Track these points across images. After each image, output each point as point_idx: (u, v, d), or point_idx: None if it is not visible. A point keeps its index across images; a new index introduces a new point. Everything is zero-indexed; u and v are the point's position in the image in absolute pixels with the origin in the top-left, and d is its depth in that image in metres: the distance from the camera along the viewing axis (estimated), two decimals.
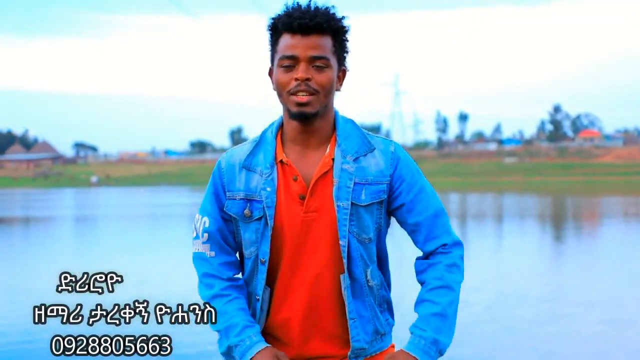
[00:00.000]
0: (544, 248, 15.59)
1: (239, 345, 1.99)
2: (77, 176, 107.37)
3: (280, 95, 2.02)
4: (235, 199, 2.07)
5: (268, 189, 2.02)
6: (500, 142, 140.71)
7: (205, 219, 2.12)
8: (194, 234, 2.15)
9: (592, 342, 7.02)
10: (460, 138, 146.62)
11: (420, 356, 1.94)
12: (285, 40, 1.99)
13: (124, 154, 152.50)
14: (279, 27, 2.01)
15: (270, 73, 2.08)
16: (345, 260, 2.01)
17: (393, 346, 2.17)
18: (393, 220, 2.18)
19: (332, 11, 2.02)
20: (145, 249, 16.22)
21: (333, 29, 2.01)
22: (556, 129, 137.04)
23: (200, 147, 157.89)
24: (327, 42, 2.00)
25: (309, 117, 2.00)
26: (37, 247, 17.12)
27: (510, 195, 44.91)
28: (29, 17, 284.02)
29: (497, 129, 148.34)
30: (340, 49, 2.06)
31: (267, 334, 2.09)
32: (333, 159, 2.04)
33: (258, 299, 2.06)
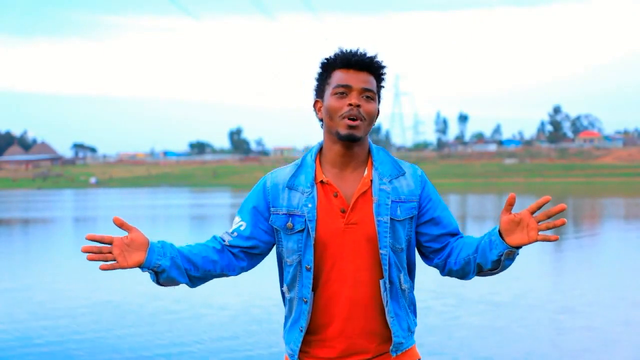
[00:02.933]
0: (544, 249, 15.55)
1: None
2: (76, 177, 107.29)
3: (331, 119, 2.32)
4: (278, 214, 2.37)
5: (309, 205, 2.32)
6: (500, 143, 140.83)
7: (243, 223, 2.41)
8: (230, 229, 2.45)
9: (591, 343, 6.97)
10: (460, 139, 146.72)
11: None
12: (340, 74, 2.34)
13: (123, 155, 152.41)
14: (333, 64, 2.35)
15: (316, 106, 2.41)
16: (385, 267, 2.31)
17: (415, 346, 2.45)
18: None
19: (378, 57, 2.37)
20: None
21: (378, 72, 2.37)
22: (556, 130, 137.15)
23: (199, 148, 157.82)
24: (373, 80, 2.36)
25: (356, 139, 2.31)
26: (36, 248, 17.03)
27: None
28: (28, 18, 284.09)
29: (497, 130, 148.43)
30: (379, 90, 2.40)
31: (311, 334, 2.35)
32: (371, 180, 2.35)
33: (306, 302, 2.33)
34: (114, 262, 2.22)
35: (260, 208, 2.39)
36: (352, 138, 2.30)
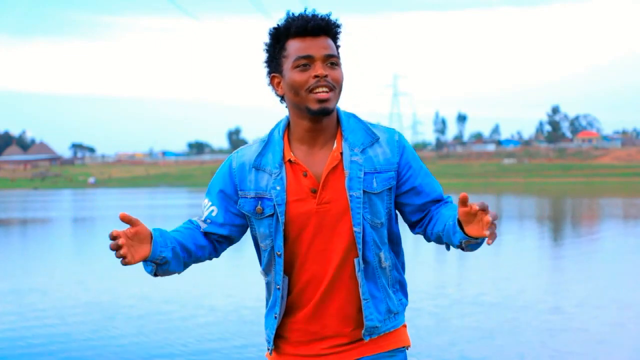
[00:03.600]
0: (543, 249, 15.56)
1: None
2: (75, 177, 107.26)
3: (297, 94, 2.15)
4: (247, 198, 2.23)
5: (278, 188, 2.18)
6: (499, 143, 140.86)
7: (214, 208, 2.29)
8: (202, 214, 2.33)
9: (591, 343, 6.94)
10: (458, 139, 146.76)
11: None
12: (296, 43, 2.15)
13: (121, 155, 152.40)
14: (286, 33, 2.16)
15: (273, 82, 2.23)
16: (360, 246, 2.16)
17: (405, 326, 2.32)
18: None
19: (331, 16, 2.19)
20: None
21: (335, 33, 2.20)
22: (554, 130, 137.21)
23: (198, 148, 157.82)
24: (332, 43, 2.18)
25: (329, 112, 2.15)
26: (35, 248, 17.00)
27: (509, 197, 44.89)
28: (27, 18, 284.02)
29: (496, 130, 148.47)
30: (338, 51, 2.22)
31: (286, 318, 2.26)
32: (341, 153, 2.19)
33: (279, 288, 2.22)
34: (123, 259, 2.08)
35: (228, 191, 2.26)
36: (325, 112, 2.14)
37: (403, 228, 2.36)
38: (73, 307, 8.95)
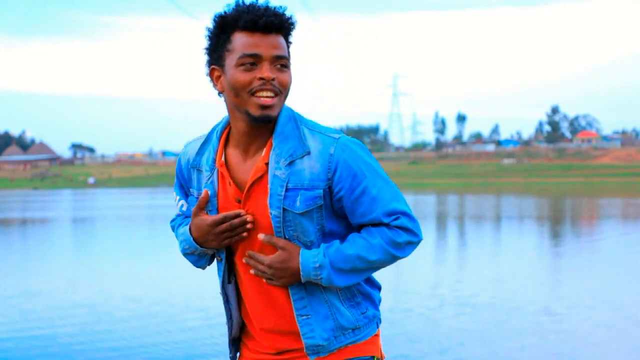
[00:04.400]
0: (543, 249, 15.55)
1: (182, 242, 2.12)
2: (75, 177, 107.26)
3: (237, 95, 1.93)
4: (193, 196, 2.13)
5: (207, 192, 2.07)
6: (499, 143, 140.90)
7: (183, 202, 2.21)
8: (176, 206, 2.27)
9: (590, 344, 6.94)
10: (458, 139, 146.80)
11: (303, 267, 1.95)
12: (244, 38, 1.91)
13: (121, 155, 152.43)
14: (234, 24, 1.92)
15: (212, 74, 2.00)
16: None
17: (376, 336, 2.09)
18: None
19: (285, 11, 1.95)
20: (143, 250, 16.14)
21: (288, 30, 1.97)
22: (554, 130, 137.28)
23: None
24: (284, 42, 1.96)
25: (271, 120, 1.94)
26: (35, 248, 17.01)
27: (508, 197, 44.89)
28: (27, 18, 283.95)
29: (495, 130, 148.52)
30: (289, 51, 2.00)
31: (241, 329, 2.17)
32: (267, 164, 1.97)
33: (227, 300, 2.13)
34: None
35: (185, 186, 2.19)
36: (267, 119, 1.92)
37: None
38: (60, 307, 8.90)
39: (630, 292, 9.81)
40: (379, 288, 2.15)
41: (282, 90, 1.93)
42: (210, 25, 1.98)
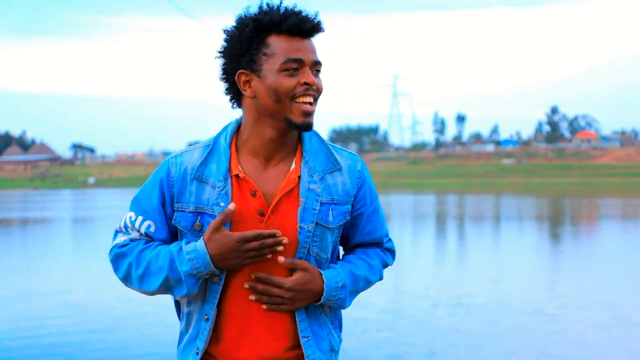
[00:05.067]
0: (539, 250, 15.56)
1: (192, 260, 1.86)
2: (75, 177, 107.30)
3: (278, 101, 1.86)
4: (184, 211, 1.93)
5: (221, 204, 1.89)
6: (498, 143, 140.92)
7: (151, 223, 1.95)
8: (125, 228, 1.97)
9: (590, 344, 6.97)
10: (458, 139, 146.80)
11: (327, 287, 1.92)
12: (285, 42, 1.86)
13: (121, 155, 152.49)
14: (271, 28, 1.86)
15: (239, 79, 1.91)
16: None
17: None
18: None
19: (318, 16, 1.92)
20: None
21: (319, 35, 1.94)
22: (553, 130, 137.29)
23: None
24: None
25: (311, 128, 1.90)
26: (32, 249, 17.03)
27: (508, 197, 44.91)
28: (27, 19, 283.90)
29: (495, 130, 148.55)
30: None
31: (211, 352, 1.96)
32: (299, 177, 1.93)
33: (207, 319, 1.92)
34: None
35: (166, 201, 1.95)
36: (309, 127, 1.89)
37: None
38: (51, 307, 8.91)
39: (625, 293, 9.80)
40: None
41: (318, 97, 1.91)
42: (237, 27, 1.89)
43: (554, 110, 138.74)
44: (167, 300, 1.99)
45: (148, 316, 8.41)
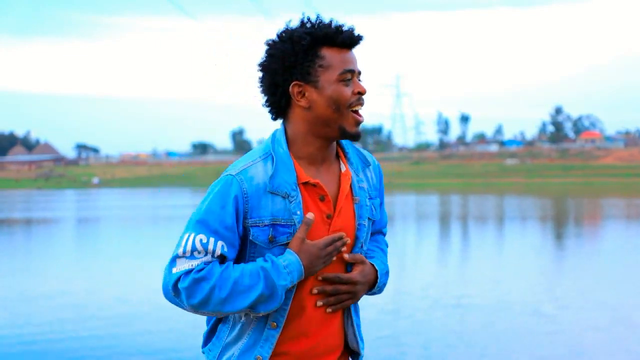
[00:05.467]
0: (545, 250, 15.52)
1: (290, 274, 1.92)
2: (79, 177, 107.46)
3: (337, 110, 1.96)
4: (259, 226, 1.95)
5: (298, 213, 1.95)
6: (502, 143, 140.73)
7: (222, 243, 1.93)
8: (192, 253, 1.92)
9: (589, 345, 7.02)
10: (461, 139, 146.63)
11: (380, 275, 2.10)
12: (338, 55, 1.97)
13: (125, 155, 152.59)
14: (323, 41, 1.96)
15: (293, 89, 1.98)
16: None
17: None
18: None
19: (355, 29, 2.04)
20: (141, 251, 16.18)
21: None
22: (557, 131, 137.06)
23: (201, 148, 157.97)
24: None
25: (360, 138, 2.01)
26: (33, 249, 17.11)
27: (511, 197, 44.87)
28: (31, 19, 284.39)
29: (499, 130, 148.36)
30: None
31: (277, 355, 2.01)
32: (350, 177, 2.06)
33: (276, 327, 1.96)
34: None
35: (235, 222, 1.94)
36: (359, 137, 2.01)
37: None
38: (52, 308, 8.99)
39: (626, 293, 9.80)
40: None
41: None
42: (288, 41, 1.97)
43: (558, 111, 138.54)
44: (163, 300, 2.06)
45: (143, 317, 8.49)
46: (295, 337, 1.98)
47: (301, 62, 1.96)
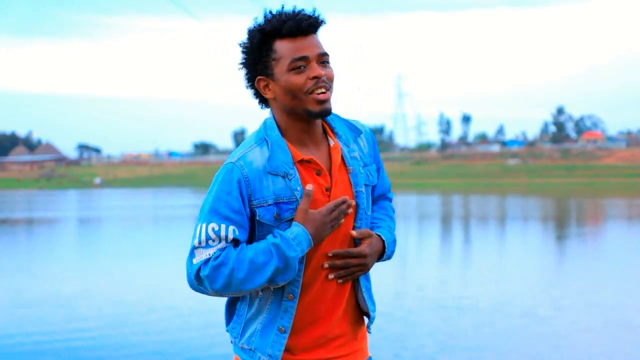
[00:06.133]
0: (547, 250, 15.52)
1: (299, 245, 2.04)
2: (81, 178, 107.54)
3: (294, 98, 2.08)
4: (264, 206, 2.09)
5: (299, 189, 2.09)
6: (504, 143, 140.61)
7: (234, 227, 2.06)
8: (207, 242, 2.06)
9: (596, 345, 7.03)
10: (463, 139, 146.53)
11: (387, 244, 2.23)
12: (288, 45, 2.07)
13: (127, 155, 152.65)
14: (274, 34, 2.07)
15: (259, 85, 2.13)
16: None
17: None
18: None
19: (316, 12, 2.12)
20: (149, 251, 16.23)
21: (319, 28, 2.14)
22: (559, 131, 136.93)
23: (203, 148, 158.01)
24: (320, 40, 2.13)
25: (330, 113, 2.11)
26: (41, 249, 17.15)
27: (513, 197, 44.86)
28: (33, 19, 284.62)
29: (500, 130, 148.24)
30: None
31: (293, 333, 2.13)
32: (340, 149, 2.19)
33: (292, 298, 2.09)
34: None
35: (242, 207, 2.08)
36: (327, 113, 2.10)
37: None
38: (41, 307, 8.99)
39: (626, 294, 9.75)
40: None
41: (331, 85, 2.10)
42: (248, 39, 2.12)
43: (560, 111, 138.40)
44: (154, 301, 2.07)
45: (143, 317, 8.50)
46: (309, 310, 2.11)
47: (259, 58, 2.11)
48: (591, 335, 7.48)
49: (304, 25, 2.06)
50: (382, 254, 2.21)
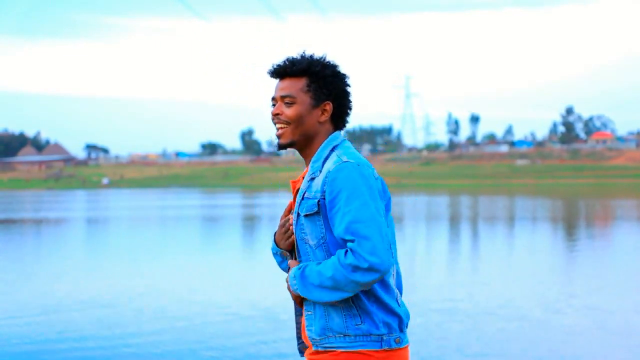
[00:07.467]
0: (556, 251, 15.43)
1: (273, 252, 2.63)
2: (89, 178, 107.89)
3: None
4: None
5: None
6: (512, 144, 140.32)
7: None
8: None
9: (601, 345, 6.96)
10: (471, 140, 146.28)
11: (290, 277, 2.42)
12: (276, 84, 2.51)
13: (135, 155, 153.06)
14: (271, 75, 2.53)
15: None
16: (298, 259, 2.47)
17: (380, 352, 2.32)
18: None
19: (314, 58, 2.44)
20: (155, 251, 16.21)
21: (307, 73, 2.41)
22: (568, 131, 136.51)
23: (211, 149, 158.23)
24: (298, 83, 2.42)
25: (283, 146, 2.47)
26: (49, 249, 17.15)
27: (521, 198, 44.72)
28: (41, 20, 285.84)
29: (509, 130, 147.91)
30: (319, 87, 2.42)
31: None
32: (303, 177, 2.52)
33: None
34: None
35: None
36: (280, 147, 2.49)
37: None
38: (56, 308, 8.95)
39: (618, 297, 9.61)
40: (394, 314, 2.37)
41: (289, 122, 2.44)
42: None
43: (569, 111, 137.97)
44: (148, 303, 1.95)
45: (140, 318, 8.44)
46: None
47: None
48: (582, 337, 7.37)
49: (276, 71, 2.46)
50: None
